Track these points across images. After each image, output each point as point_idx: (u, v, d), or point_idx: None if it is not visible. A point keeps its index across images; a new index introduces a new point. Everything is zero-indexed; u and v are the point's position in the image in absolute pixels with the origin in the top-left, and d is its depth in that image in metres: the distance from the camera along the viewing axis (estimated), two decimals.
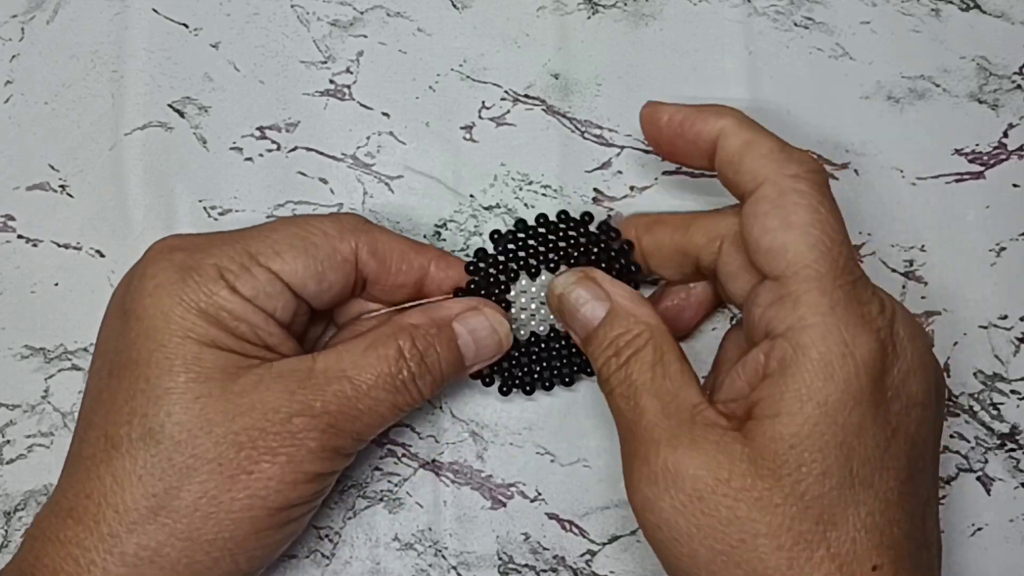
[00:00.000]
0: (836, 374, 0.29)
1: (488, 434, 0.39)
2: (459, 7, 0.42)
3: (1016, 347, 0.39)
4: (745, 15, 0.42)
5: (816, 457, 0.28)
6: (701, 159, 0.34)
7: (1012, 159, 0.41)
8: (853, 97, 0.41)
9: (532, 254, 0.37)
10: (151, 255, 0.33)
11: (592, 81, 0.41)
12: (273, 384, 0.31)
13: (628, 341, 0.32)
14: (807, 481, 0.28)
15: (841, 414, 0.29)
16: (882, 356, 0.29)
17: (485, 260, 0.37)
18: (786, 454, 0.28)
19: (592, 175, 0.41)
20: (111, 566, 0.30)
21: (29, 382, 0.40)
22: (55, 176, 0.41)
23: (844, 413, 0.29)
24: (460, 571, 0.39)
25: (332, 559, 0.39)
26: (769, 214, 0.31)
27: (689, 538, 0.29)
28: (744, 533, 0.28)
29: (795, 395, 0.29)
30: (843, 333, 0.29)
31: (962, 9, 0.42)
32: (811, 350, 0.29)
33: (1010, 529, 0.39)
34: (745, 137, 0.32)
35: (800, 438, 0.29)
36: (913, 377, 0.30)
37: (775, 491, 0.28)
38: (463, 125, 0.41)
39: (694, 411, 0.30)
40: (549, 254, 0.37)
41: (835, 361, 0.29)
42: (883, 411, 0.29)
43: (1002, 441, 0.39)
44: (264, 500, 0.31)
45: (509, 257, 0.37)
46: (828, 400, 0.29)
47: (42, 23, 0.42)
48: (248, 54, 0.42)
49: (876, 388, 0.29)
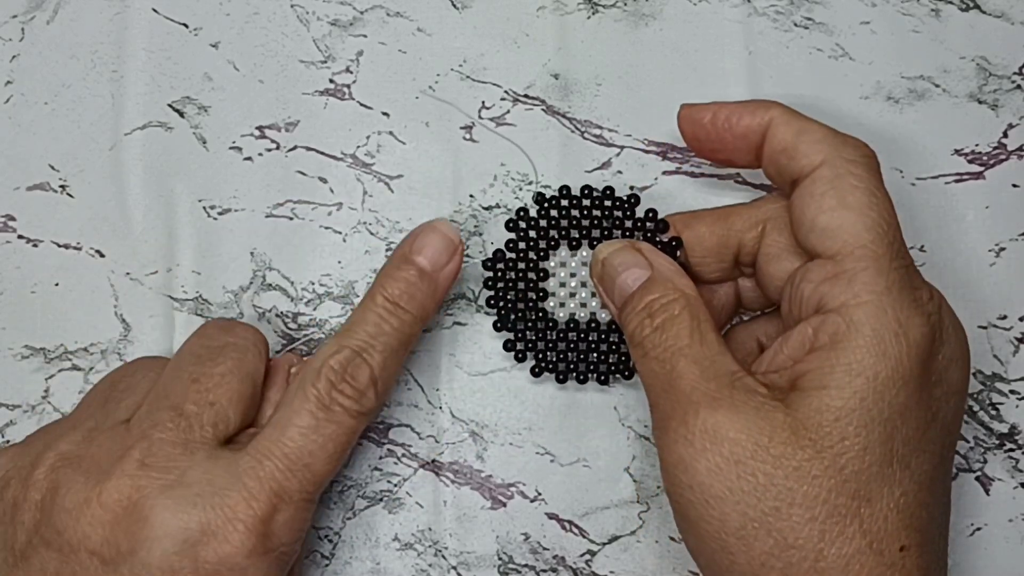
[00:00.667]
0: (888, 351, 0.29)
1: (488, 434, 0.39)
2: (459, 7, 0.42)
3: (1015, 347, 0.39)
4: (745, 15, 0.42)
5: (860, 432, 0.28)
6: (748, 154, 0.34)
7: (1012, 159, 0.41)
8: (853, 97, 0.41)
9: (575, 225, 0.37)
10: None
11: (592, 81, 0.41)
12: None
13: (664, 304, 0.32)
14: (848, 455, 0.28)
15: (889, 392, 0.29)
16: (931, 340, 0.30)
17: (527, 220, 0.37)
18: (830, 426, 0.28)
19: (592, 175, 0.41)
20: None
21: (29, 382, 0.40)
22: (55, 176, 0.41)
23: (892, 391, 0.29)
24: (460, 571, 0.39)
25: (332, 559, 0.39)
26: (827, 194, 0.31)
27: (721, 501, 0.29)
28: (779, 501, 0.28)
29: (845, 369, 0.29)
30: (897, 313, 0.29)
31: (962, 9, 0.42)
32: (864, 326, 0.29)
33: (1009, 529, 0.39)
34: (798, 125, 0.33)
35: (846, 411, 0.29)
36: (954, 365, 0.31)
37: (815, 462, 0.28)
38: (463, 125, 0.41)
39: (733, 377, 0.30)
40: (593, 229, 0.37)
41: (888, 339, 0.29)
42: (926, 394, 0.29)
43: (1001, 441, 0.39)
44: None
45: (551, 223, 0.37)
46: (878, 376, 0.29)
47: (42, 23, 0.42)
48: (248, 54, 0.42)
49: (923, 371, 0.29)
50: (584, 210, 0.37)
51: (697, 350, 0.31)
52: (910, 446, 0.29)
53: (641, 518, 0.39)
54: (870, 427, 0.29)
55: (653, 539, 0.39)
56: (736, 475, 0.29)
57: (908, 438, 0.29)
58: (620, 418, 0.39)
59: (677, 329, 0.32)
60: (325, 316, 0.40)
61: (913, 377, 0.29)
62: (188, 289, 0.40)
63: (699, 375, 0.30)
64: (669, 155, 0.41)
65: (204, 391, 0.32)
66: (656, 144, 0.41)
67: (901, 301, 0.30)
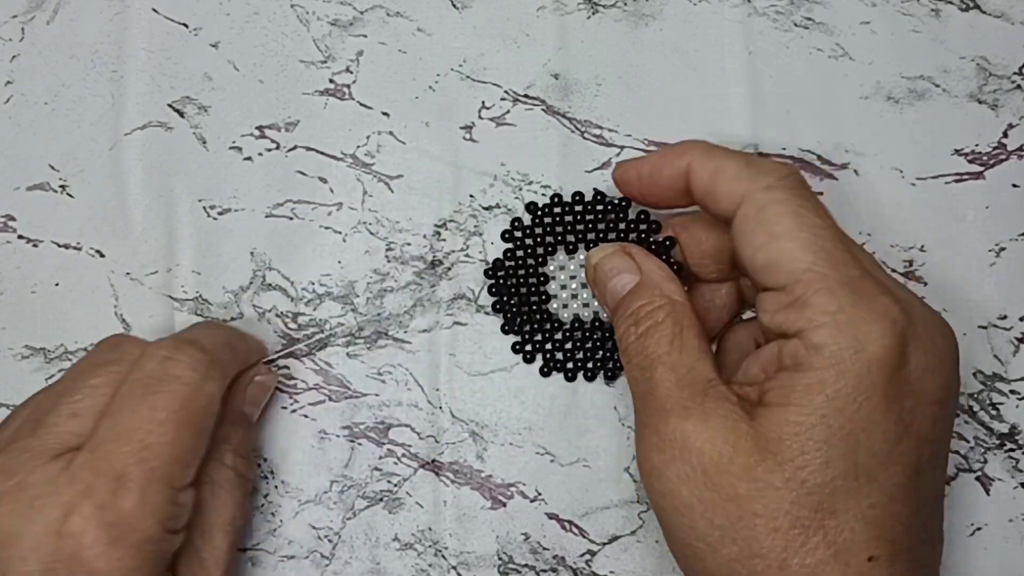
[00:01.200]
0: (848, 370, 0.29)
1: (488, 434, 0.39)
2: (459, 7, 0.42)
3: (1016, 347, 0.39)
4: (745, 15, 0.42)
5: (820, 447, 0.29)
6: (685, 199, 0.34)
7: (1012, 159, 0.41)
8: (853, 97, 0.41)
9: (570, 230, 0.38)
10: None
11: (592, 81, 0.41)
12: None
13: (648, 312, 0.33)
14: (809, 468, 0.29)
15: (850, 407, 0.29)
16: (897, 351, 0.29)
17: (522, 229, 0.38)
18: (790, 440, 0.29)
19: (592, 175, 0.41)
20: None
21: (29, 382, 0.40)
22: (55, 176, 0.41)
23: (853, 407, 0.29)
24: (460, 571, 0.39)
25: (332, 559, 0.39)
26: (756, 231, 0.31)
27: (690, 509, 0.29)
28: (742, 511, 0.29)
29: (806, 388, 0.29)
30: (855, 330, 0.29)
31: (962, 9, 0.42)
32: (823, 348, 0.29)
33: (1009, 529, 0.39)
34: (712, 165, 0.33)
35: (806, 427, 0.29)
36: (930, 374, 0.30)
37: (776, 474, 0.29)
38: (463, 125, 0.41)
39: (707, 385, 0.31)
40: (588, 233, 0.38)
41: (847, 357, 0.29)
42: (895, 407, 0.29)
43: (1001, 441, 0.39)
44: None
45: (546, 230, 0.38)
46: (838, 394, 0.29)
47: (42, 23, 0.42)
48: (248, 54, 0.42)
49: (889, 384, 0.29)
50: (577, 215, 0.38)
51: (676, 358, 0.31)
52: (877, 458, 0.29)
53: (641, 518, 0.39)
54: (831, 442, 0.29)
55: (653, 539, 0.39)
56: (703, 484, 0.29)
57: (874, 451, 0.29)
58: (620, 418, 0.39)
59: (658, 336, 0.32)
60: (325, 316, 0.40)
61: (877, 392, 0.29)
62: (188, 289, 0.40)
63: (674, 383, 0.31)
64: None
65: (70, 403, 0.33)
66: (656, 144, 0.41)
67: (858, 317, 0.29)
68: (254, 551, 0.39)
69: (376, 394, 0.40)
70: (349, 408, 0.40)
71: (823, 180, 0.40)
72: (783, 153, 0.41)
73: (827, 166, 0.41)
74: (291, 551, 0.39)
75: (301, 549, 0.39)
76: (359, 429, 0.39)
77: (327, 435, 0.39)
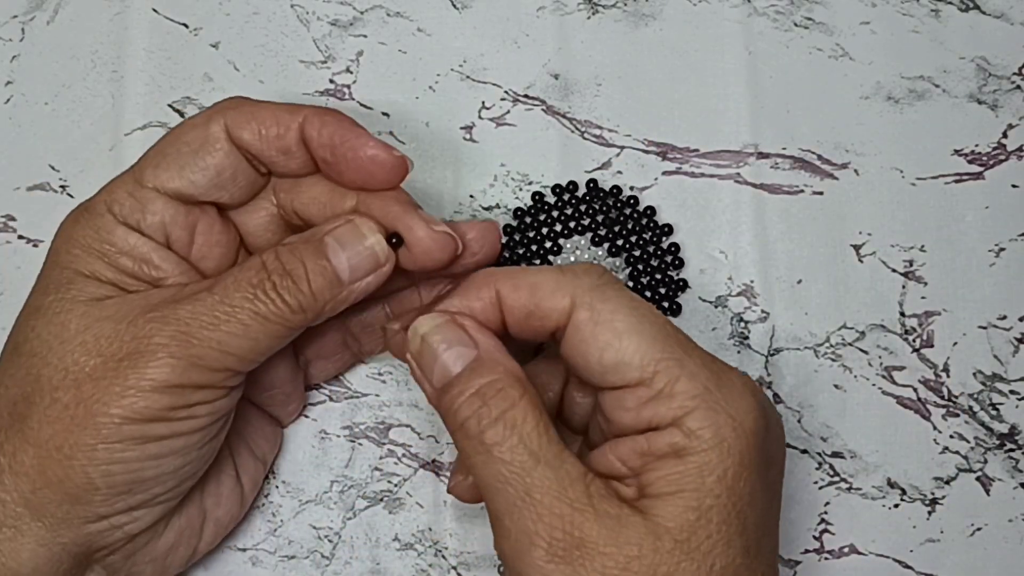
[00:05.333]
0: (732, 447, 0.29)
1: None
2: (459, 7, 0.42)
3: (1015, 347, 0.40)
4: (745, 15, 0.42)
5: (721, 528, 0.28)
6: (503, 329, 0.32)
7: (1011, 159, 0.41)
8: (853, 97, 0.41)
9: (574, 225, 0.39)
10: None
11: (592, 81, 0.41)
12: (137, 300, 0.31)
13: (499, 391, 0.30)
14: (715, 552, 0.28)
15: (738, 484, 0.29)
16: (763, 422, 0.30)
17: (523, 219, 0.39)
18: (693, 526, 0.28)
19: (592, 175, 0.41)
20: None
21: None
22: (55, 176, 0.41)
23: (740, 483, 0.29)
24: (460, 571, 0.39)
25: (332, 559, 0.39)
26: (596, 334, 0.30)
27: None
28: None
29: (697, 471, 0.29)
30: (727, 407, 0.29)
31: (962, 10, 0.42)
32: (704, 431, 0.29)
33: (1009, 529, 0.39)
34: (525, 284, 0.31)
35: (704, 510, 0.28)
36: (776, 441, 0.31)
37: (685, 563, 0.28)
38: (463, 125, 0.41)
39: (587, 481, 0.29)
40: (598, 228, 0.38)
41: (728, 435, 0.29)
42: (765, 477, 0.30)
43: (1001, 441, 0.39)
44: (107, 407, 0.30)
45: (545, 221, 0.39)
46: (727, 473, 0.29)
47: (42, 23, 0.42)
48: (248, 54, 0.42)
49: (760, 456, 0.29)
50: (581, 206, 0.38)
51: (548, 450, 0.29)
52: (760, 531, 0.29)
53: None
54: (728, 521, 0.28)
55: None
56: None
57: (757, 524, 0.29)
58: None
59: (524, 425, 0.29)
60: None
61: (754, 465, 0.29)
62: None
63: (556, 483, 0.28)
64: (669, 155, 0.41)
65: None
66: (656, 144, 0.41)
67: (725, 394, 0.29)
68: (254, 551, 0.39)
69: (376, 394, 0.40)
70: (349, 408, 0.40)
71: (823, 180, 0.41)
72: (783, 153, 0.41)
73: (827, 166, 0.41)
74: (291, 551, 0.39)
75: (301, 549, 0.39)
76: (359, 429, 0.39)
77: (327, 435, 0.39)
